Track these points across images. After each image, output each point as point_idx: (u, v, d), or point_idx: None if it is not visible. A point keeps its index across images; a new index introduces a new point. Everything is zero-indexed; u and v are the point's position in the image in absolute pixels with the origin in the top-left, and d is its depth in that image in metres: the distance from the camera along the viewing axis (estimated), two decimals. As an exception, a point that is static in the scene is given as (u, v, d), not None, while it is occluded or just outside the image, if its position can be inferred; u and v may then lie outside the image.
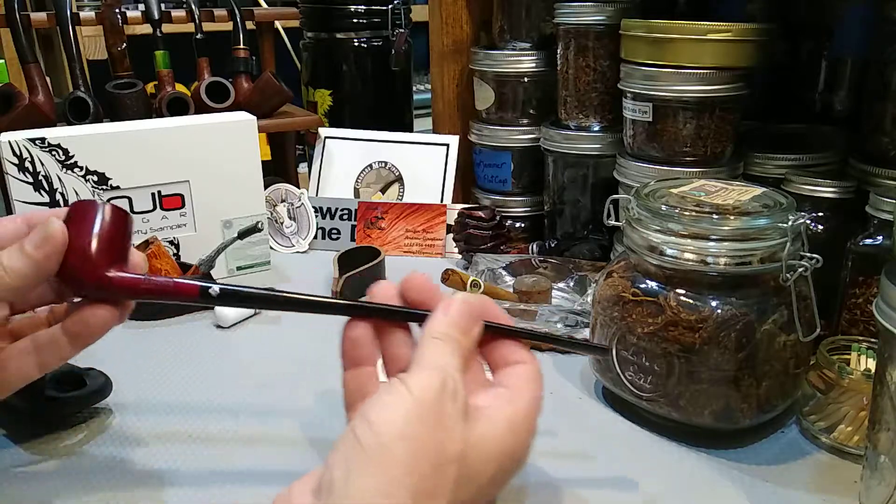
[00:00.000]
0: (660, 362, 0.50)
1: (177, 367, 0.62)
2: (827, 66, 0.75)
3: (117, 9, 0.92)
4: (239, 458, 0.50)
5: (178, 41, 0.99)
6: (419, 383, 0.33)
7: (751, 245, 0.48)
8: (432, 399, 0.33)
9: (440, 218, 0.88)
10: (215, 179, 0.78)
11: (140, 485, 0.47)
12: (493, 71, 0.89)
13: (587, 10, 0.76)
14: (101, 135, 0.73)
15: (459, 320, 0.38)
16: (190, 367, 0.62)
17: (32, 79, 0.87)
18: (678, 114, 0.66)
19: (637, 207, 0.52)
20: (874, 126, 0.62)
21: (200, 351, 0.65)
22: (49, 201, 0.71)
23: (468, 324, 0.38)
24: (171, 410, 0.55)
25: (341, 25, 1.08)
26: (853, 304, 0.57)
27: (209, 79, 0.91)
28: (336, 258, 0.78)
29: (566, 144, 0.81)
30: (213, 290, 0.40)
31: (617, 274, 0.54)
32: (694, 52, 0.64)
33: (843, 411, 0.51)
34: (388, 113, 1.13)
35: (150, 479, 0.48)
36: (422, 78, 1.67)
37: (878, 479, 0.42)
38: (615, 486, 0.47)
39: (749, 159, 0.69)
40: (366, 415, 0.32)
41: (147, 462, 0.49)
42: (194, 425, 0.54)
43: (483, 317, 0.39)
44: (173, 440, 0.52)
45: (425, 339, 0.37)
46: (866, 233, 0.56)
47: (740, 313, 0.48)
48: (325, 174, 0.97)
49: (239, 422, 0.54)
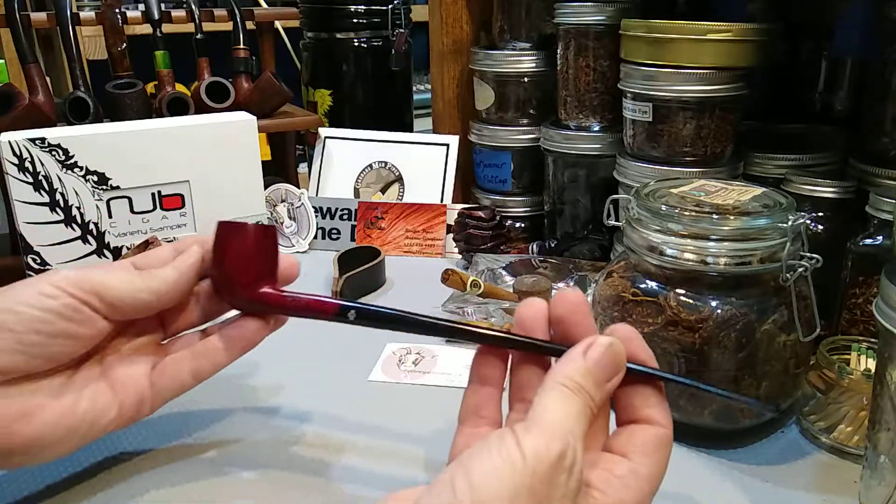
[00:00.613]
0: (660, 362, 0.50)
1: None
2: (827, 66, 0.75)
3: (117, 9, 0.92)
4: (239, 458, 0.50)
5: (178, 41, 0.99)
6: (535, 449, 0.29)
7: (751, 245, 0.48)
8: (545, 472, 0.29)
9: (440, 218, 0.88)
10: (215, 179, 0.78)
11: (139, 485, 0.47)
12: (493, 71, 0.89)
13: (587, 10, 0.76)
14: (101, 135, 0.73)
15: (597, 371, 0.33)
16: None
17: (32, 79, 0.87)
18: (678, 114, 0.66)
19: (637, 207, 0.52)
20: (874, 126, 0.62)
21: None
22: (49, 201, 0.71)
23: (607, 375, 0.33)
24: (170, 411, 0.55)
25: (341, 25, 1.08)
26: (853, 304, 0.57)
27: (209, 79, 0.91)
28: (336, 258, 0.78)
29: (566, 144, 0.81)
30: (351, 314, 0.42)
31: (617, 274, 0.54)
32: (694, 52, 0.64)
33: (843, 411, 0.51)
34: (388, 113, 1.13)
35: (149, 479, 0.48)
36: (422, 78, 1.67)
37: (878, 479, 0.42)
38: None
39: (749, 159, 0.69)
40: (469, 471, 0.29)
41: (146, 462, 0.49)
42: (194, 425, 0.53)
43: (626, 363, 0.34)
44: (173, 441, 0.52)
45: (552, 385, 0.32)
46: (866, 233, 0.56)
47: (740, 313, 0.48)
48: (324, 174, 0.97)
49: (239, 422, 0.54)
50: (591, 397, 0.32)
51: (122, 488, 0.47)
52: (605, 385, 0.33)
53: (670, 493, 0.46)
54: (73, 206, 0.73)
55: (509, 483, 0.28)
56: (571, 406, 0.32)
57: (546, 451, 0.29)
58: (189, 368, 0.44)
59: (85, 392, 0.41)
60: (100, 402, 0.41)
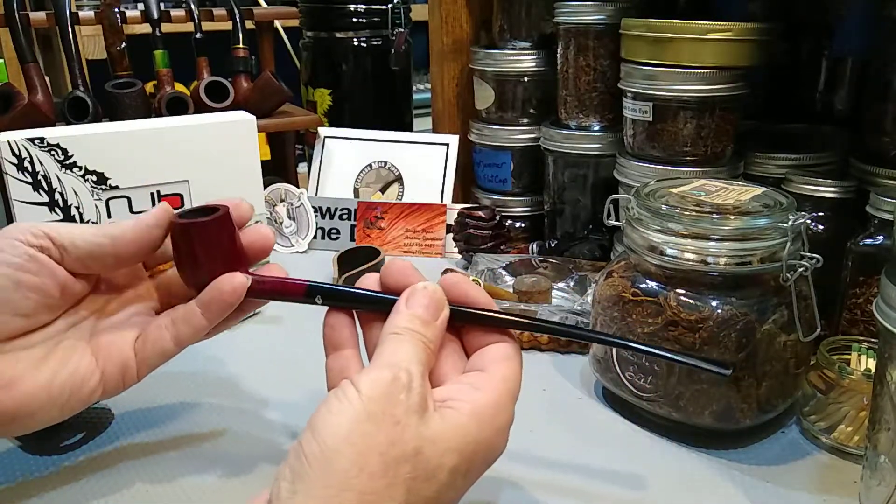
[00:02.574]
0: (660, 362, 0.50)
1: (176, 367, 0.62)
2: (827, 66, 0.75)
3: (116, 8, 0.92)
4: (238, 459, 0.50)
5: (178, 41, 0.99)
6: (368, 382, 0.32)
7: (751, 245, 0.48)
8: (381, 395, 0.32)
9: (440, 218, 0.88)
10: (214, 179, 0.78)
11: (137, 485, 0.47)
12: (492, 70, 0.89)
13: (587, 9, 0.76)
14: (100, 134, 0.73)
15: (420, 311, 0.37)
16: (190, 367, 0.62)
17: (31, 78, 0.86)
18: (678, 113, 0.66)
19: (637, 207, 0.52)
20: (874, 126, 0.62)
21: (201, 350, 0.65)
22: (48, 201, 0.71)
23: (430, 314, 0.37)
24: (170, 410, 0.55)
25: (341, 25, 1.08)
26: (853, 304, 0.57)
27: (208, 78, 0.91)
28: (336, 258, 0.78)
29: (566, 144, 0.81)
30: (318, 298, 0.42)
31: (617, 274, 0.54)
32: (694, 51, 0.64)
33: (844, 411, 0.51)
34: (387, 112, 1.13)
35: (148, 480, 0.47)
36: (422, 77, 1.67)
37: (878, 480, 0.42)
38: (615, 486, 0.47)
39: (749, 159, 0.68)
40: (314, 426, 0.31)
41: (146, 463, 0.49)
42: (194, 426, 0.53)
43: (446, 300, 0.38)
44: (173, 440, 0.52)
45: (384, 336, 0.36)
46: (867, 233, 0.56)
47: (740, 313, 0.48)
48: (324, 174, 0.97)
49: (239, 422, 0.54)
50: (421, 335, 0.36)
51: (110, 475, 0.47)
52: (434, 322, 0.37)
53: (671, 493, 0.46)
54: (72, 205, 0.72)
55: (349, 417, 0.31)
56: (401, 345, 0.35)
57: (378, 380, 0.32)
58: (171, 335, 0.43)
59: (66, 361, 0.41)
60: (81, 370, 0.42)
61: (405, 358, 0.34)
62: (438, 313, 0.37)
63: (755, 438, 0.51)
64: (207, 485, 0.47)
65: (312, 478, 0.30)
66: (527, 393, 0.58)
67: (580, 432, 0.53)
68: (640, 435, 0.53)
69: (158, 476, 0.48)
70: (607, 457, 0.50)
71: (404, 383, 0.32)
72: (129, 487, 0.47)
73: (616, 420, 0.55)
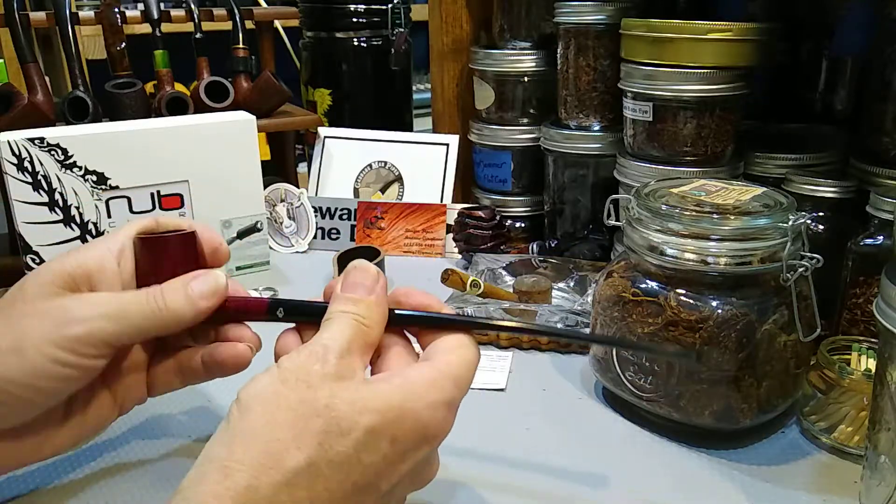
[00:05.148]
0: (660, 362, 0.50)
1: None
2: (827, 66, 0.75)
3: (116, 8, 0.92)
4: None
5: (178, 41, 0.99)
6: (286, 358, 0.34)
7: (751, 245, 0.48)
8: (296, 366, 0.34)
9: (440, 218, 0.88)
10: (214, 179, 0.78)
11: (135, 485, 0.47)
12: (492, 70, 0.89)
13: (587, 9, 0.76)
14: (100, 134, 0.73)
15: (348, 292, 0.37)
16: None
17: (31, 78, 0.86)
18: (678, 113, 0.66)
19: (637, 207, 0.52)
20: (874, 126, 0.62)
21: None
22: (48, 201, 0.71)
23: (363, 290, 0.37)
24: (170, 410, 0.55)
25: (341, 25, 1.08)
26: (853, 304, 0.57)
27: (208, 78, 0.91)
28: (335, 258, 0.78)
29: (566, 144, 0.81)
30: (280, 312, 0.41)
31: (617, 274, 0.54)
32: (694, 51, 0.64)
33: (844, 411, 0.51)
34: (387, 112, 1.13)
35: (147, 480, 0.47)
36: (422, 77, 1.67)
37: (878, 480, 0.42)
38: (615, 486, 0.47)
39: (749, 159, 0.68)
40: (239, 400, 0.33)
41: (145, 463, 0.49)
42: (193, 426, 0.53)
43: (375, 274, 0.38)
44: (172, 441, 0.52)
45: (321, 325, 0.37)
46: (867, 233, 0.56)
47: (741, 313, 0.48)
48: (324, 174, 0.97)
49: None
50: (352, 313, 0.37)
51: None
52: (367, 298, 0.37)
53: (671, 493, 0.46)
54: (72, 205, 0.72)
55: (264, 382, 0.33)
56: (327, 328, 0.36)
57: (297, 355, 0.34)
58: (180, 381, 0.45)
59: (89, 409, 0.42)
60: (104, 412, 0.43)
61: (326, 336, 0.35)
62: (373, 287, 0.38)
63: (755, 438, 0.51)
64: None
65: (228, 431, 0.32)
66: (527, 393, 0.59)
67: (580, 432, 0.53)
68: (640, 435, 0.53)
69: (155, 480, 0.48)
70: (607, 457, 0.50)
71: (320, 355, 0.34)
72: (126, 489, 0.47)
73: (616, 420, 0.55)
